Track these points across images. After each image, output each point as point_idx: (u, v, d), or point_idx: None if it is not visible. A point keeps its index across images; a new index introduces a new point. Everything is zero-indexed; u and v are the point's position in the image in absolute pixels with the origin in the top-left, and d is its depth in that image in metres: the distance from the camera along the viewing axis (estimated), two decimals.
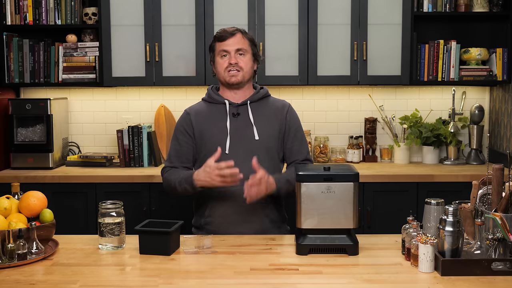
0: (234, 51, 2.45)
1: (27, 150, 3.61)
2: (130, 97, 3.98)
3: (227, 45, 2.45)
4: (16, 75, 3.71)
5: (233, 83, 2.46)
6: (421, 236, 1.85)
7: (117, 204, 2.14)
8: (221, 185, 2.28)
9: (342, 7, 3.61)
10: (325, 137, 3.92)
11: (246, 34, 2.51)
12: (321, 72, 3.65)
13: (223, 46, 2.45)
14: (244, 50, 2.46)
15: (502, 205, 1.88)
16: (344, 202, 2.04)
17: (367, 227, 3.40)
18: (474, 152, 3.82)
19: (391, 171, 3.53)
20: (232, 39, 2.45)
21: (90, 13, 3.70)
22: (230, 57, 2.44)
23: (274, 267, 1.93)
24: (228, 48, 2.45)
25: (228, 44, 2.45)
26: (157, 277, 1.83)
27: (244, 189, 2.24)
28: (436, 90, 3.96)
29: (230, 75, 2.45)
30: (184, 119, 2.52)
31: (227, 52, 2.45)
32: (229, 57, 2.45)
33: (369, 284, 1.77)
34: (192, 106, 2.58)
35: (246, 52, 2.47)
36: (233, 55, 2.44)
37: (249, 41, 2.50)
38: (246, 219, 2.41)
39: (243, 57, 2.46)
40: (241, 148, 2.42)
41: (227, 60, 2.45)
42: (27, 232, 1.98)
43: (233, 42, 2.45)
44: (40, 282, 1.80)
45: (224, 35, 2.45)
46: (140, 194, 3.42)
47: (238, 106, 2.48)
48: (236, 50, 2.45)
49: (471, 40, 3.83)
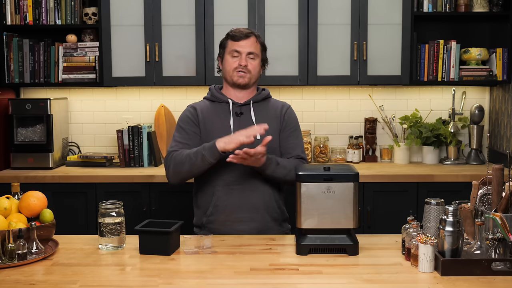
0: (246, 53, 2.46)
1: (27, 150, 3.61)
2: (130, 97, 3.98)
3: (240, 46, 2.46)
4: (16, 75, 3.71)
5: (240, 84, 2.48)
6: (421, 236, 1.85)
7: (117, 204, 2.14)
8: (243, 142, 2.26)
9: (342, 7, 3.61)
10: (325, 137, 3.92)
11: (259, 38, 2.53)
12: (321, 72, 3.65)
13: (236, 46, 2.46)
14: (255, 54, 2.48)
15: (502, 205, 1.88)
16: (344, 202, 2.04)
17: (367, 227, 3.40)
18: (474, 152, 3.83)
19: (391, 171, 3.53)
20: (246, 41, 2.46)
21: (90, 13, 3.71)
22: (241, 59, 2.46)
23: (274, 267, 1.93)
24: (240, 49, 2.46)
25: (241, 45, 2.46)
26: (157, 277, 1.83)
27: (236, 151, 2.25)
28: (436, 90, 3.96)
29: (238, 75, 2.46)
30: (191, 112, 2.51)
31: (238, 53, 2.46)
32: (240, 58, 2.46)
33: (369, 284, 1.77)
34: (195, 103, 2.58)
35: (256, 56, 2.49)
36: (244, 57, 2.46)
37: (261, 45, 2.52)
38: (249, 218, 2.42)
39: (253, 60, 2.48)
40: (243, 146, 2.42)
41: (237, 61, 2.46)
42: (27, 232, 1.98)
43: (247, 44, 2.46)
44: (40, 282, 1.80)
45: (238, 36, 2.46)
46: (140, 194, 3.42)
47: (241, 106, 2.49)
48: (248, 53, 2.46)
49: (471, 40, 3.83)
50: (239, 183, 2.41)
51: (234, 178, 2.42)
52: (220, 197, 2.43)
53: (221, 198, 2.42)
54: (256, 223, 2.42)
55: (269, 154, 2.38)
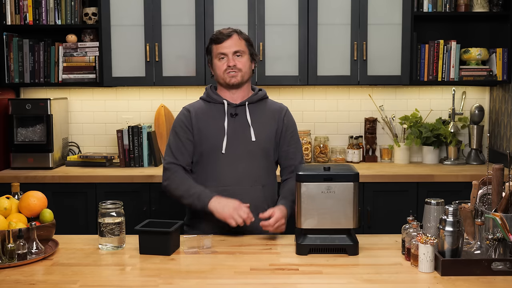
0: (232, 53, 2.44)
1: (27, 150, 3.61)
2: (130, 97, 3.98)
3: (224, 48, 2.44)
4: (16, 75, 3.71)
5: (233, 84, 2.46)
6: (421, 236, 1.85)
7: (117, 204, 2.14)
8: (228, 220, 2.27)
9: (342, 7, 3.61)
10: (325, 137, 3.91)
11: (242, 34, 2.50)
12: (321, 72, 3.65)
13: (220, 49, 2.45)
14: (241, 51, 2.46)
15: (502, 205, 1.88)
16: (344, 202, 2.04)
17: (367, 227, 3.40)
18: (474, 152, 3.82)
19: (391, 171, 3.53)
20: (229, 41, 2.44)
21: (90, 13, 3.70)
22: (228, 60, 2.44)
23: (274, 267, 1.93)
24: (225, 50, 2.44)
25: (225, 46, 2.44)
26: (157, 277, 1.83)
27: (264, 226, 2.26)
28: (436, 90, 3.96)
29: (230, 76, 2.45)
30: (185, 116, 2.51)
31: (224, 55, 2.45)
32: (227, 59, 2.44)
33: (369, 284, 1.77)
34: (191, 104, 2.57)
35: (243, 53, 2.47)
36: (230, 57, 2.44)
37: (246, 41, 2.49)
38: None
39: (240, 58, 2.46)
40: (237, 148, 2.42)
41: (225, 62, 2.45)
42: (27, 232, 1.98)
43: (230, 44, 2.44)
44: (40, 282, 1.80)
45: (220, 37, 2.45)
46: (140, 194, 3.42)
47: (236, 107, 2.48)
48: (233, 52, 2.44)
49: (471, 40, 3.83)
50: (231, 185, 2.40)
51: (227, 180, 2.41)
52: None
53: None
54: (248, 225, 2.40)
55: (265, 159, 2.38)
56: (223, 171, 2.41)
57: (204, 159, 2.45)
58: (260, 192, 2.44)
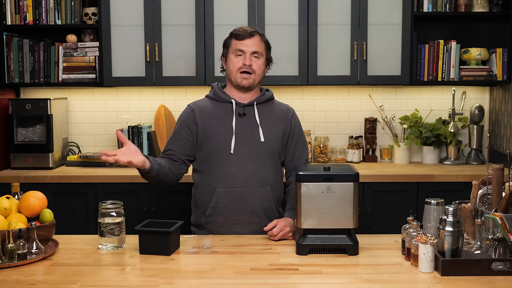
0: (250, 52, 2.42)
1: (27, 150, 3.61)
2: (130, 97, 3.98)
3: (244, 45, 2.42)
4: (16, 75, 3.71)
5: (244, 86, 2.44)
6: (421, 236, 1.85)
7: (117, 204, 2.14)
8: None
9: (342, 7, 3.61)
10: (325, 137, 3.92)
11: (264, 37, 2.49)
12: (321, 72, 3.65)
13: (240, 46, 2.42)
14: (259, 53, 2.44)
15: (502, 205, 1.88)
16: (344, 202, 2.04)
17: (367, 227, 3.40)
18: (474, 152, 3.82)
19: (391, 171, 3.53)
20: (250, 40, 2.42)
21: (90, 13, 3.70)
22: (245, 58, 2.42)
23: (274, 267, 1.93)
24: (244, 48, 2.42)
25: (245, 44, 2.42)
26: (157, 277, 1.83)
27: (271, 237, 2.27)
28: (436, 90, 3.96)
29: (242, 77, 2.42)
30: (188, 115, 2.49)
31: (242, 52, 2.42)
32: (244, 57, 2.42)
33: (369, 284, 1.77)
34: (196, 101, 2.54)
35: (261, 55, 2.45)
36: (248, 56, 2.42)
37: (265, 44, 2.48)
38: (247, 221, 2.41)
39: (257, 60, 2.44)
40: (246, 148, 2.42)
41: (241, 60, 2.42)
42: (27, 232, 1.98)
43: (251, 43, 2.42)
44: (40, 282, 1.80)
45: (242, 35, 2.42)
46: (140, 194, 3.42)
47: (245, 107, 2.46)
48: (252, 52, 2.42)
49: (471, 40, 3.83)
50: (240, 186, 2.40)
51: (235, 181, 2.41)
52: (220, 199, 2.41)
53: (220, 199, 2.41)
54: (254, 226, 2.41)
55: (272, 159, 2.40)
56: (232, 172, 2.40)
57: (212, 159, 2.43)
58: (269, 193, 2.44)
